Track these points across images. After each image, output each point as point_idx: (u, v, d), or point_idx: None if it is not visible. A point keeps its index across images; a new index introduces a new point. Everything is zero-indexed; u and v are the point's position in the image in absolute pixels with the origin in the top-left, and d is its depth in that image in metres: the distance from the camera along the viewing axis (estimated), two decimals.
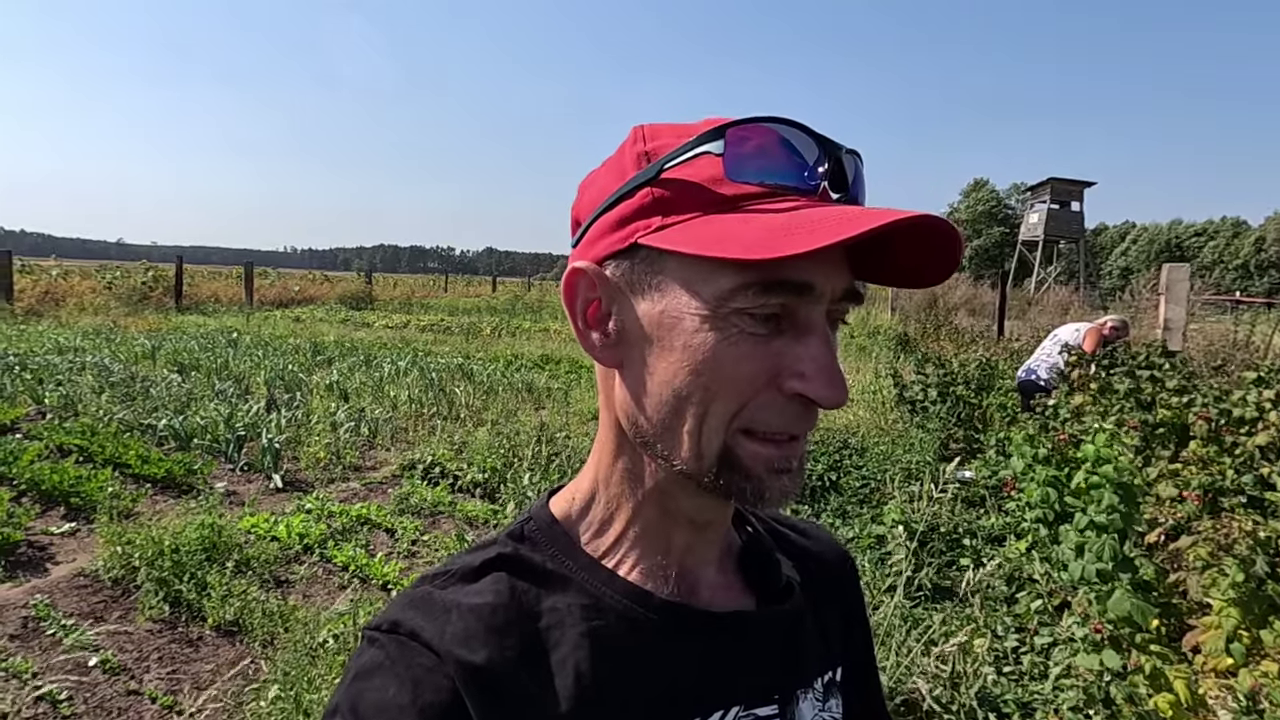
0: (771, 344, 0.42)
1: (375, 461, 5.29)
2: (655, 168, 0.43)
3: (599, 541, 0.50)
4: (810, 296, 0.41)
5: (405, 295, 26.42)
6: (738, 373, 0.41)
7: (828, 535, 0.64)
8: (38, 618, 2.84)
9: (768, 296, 0.41)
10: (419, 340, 12.68)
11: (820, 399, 0.41)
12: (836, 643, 0.57)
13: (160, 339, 10.26)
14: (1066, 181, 41.01)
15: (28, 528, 3.67)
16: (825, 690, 0.53)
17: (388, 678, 0.42)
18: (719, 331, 0.41)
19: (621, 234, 0.44)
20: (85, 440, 4.86)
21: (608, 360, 0.47)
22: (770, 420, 0.42)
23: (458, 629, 0.43)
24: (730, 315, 0.41)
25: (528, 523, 0.51)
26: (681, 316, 0.42)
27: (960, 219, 57.65)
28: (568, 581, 0.47)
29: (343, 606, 2.92)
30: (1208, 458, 2.90)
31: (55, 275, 17.96)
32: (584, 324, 0.47)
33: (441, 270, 54.76)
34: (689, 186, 0.43)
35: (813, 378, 0.41)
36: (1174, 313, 6.39)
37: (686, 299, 0.42)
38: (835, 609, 0.59)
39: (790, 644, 0.52)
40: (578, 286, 0.47)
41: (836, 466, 4.97)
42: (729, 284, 0.41)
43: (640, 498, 0.48)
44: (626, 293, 0.45)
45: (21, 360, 7.74)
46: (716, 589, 0.51)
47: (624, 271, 0.45)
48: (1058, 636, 2.48)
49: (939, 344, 11.03)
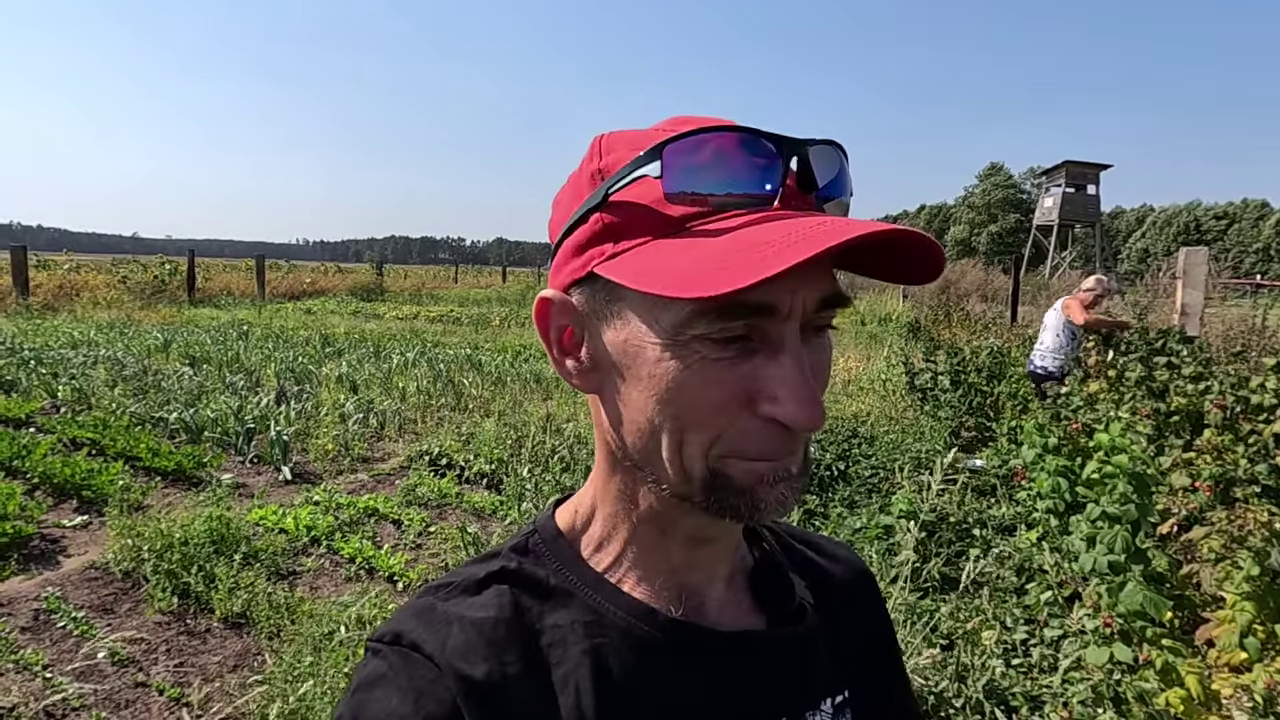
0: (740, 367, 0.40)
1: (383, 453, 5.31)
2: (601, 191, 0.42)
3: (602, 557, 0.49)
4: (775, 316, 0.39)
5: (416, 286, 26.52)
6: (705, 401, 0.40)
7: (849, 553, 0.62)
8: (49, 610, 2.88)
9: (725, 321, 0.38)
10: (428, 331, 12.72)
11: (794, 423, 0.39)
12: (851, 665, 0.55)
13: (173, 332, 10.36)
14: (1082, 164, 40.32)
15: (40, 521, 3.72)
16: (835, 712, 0.52)
17: (390, 689, 0.42)
18: (680, 360, 0.40)
19: (579, 261, 0.43)
20: (97, 434, 4.91)
21: (585, 387, 0.46)
22: (748, 446, 0.40)
23: (459, 642, 0.43)
24: (690, 342, 0.39)
25: (532, 535, 0.51)
26: (643, 345, 0.41)
27: (975, 204, 56.94)
28: (571, 597, 0.47)
29: (349, 598, 2.93)
30: (1222, 446, 2.84)
31: (70, 270, 18.15)
32: (559, 352, 0.46)
33: (452, 261, 54.96)
34: (635, 210, 0.41)
35: (785, 400, 0.39)
36: (1192, 297, 6.27)
37: (645, 328, 0.41)
38: (852, 630, 0.57)
39: (800, 666, 0.50)
40: (549, 315, 0.46)
41: (845, 456, 4.93)
42: (683, 312, 0.39)
43: (636, 518, 0.47)
44: (594, 320, 0.44)
45: (37, 354, 7.84)
46: (725, 608, 0.50)
47: (586, 299, 0.44)
48: (1068, 629, 2.45)
49: (951, 331, 10.91)
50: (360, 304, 18.58)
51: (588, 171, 0.44)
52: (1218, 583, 2.16)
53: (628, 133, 0.45)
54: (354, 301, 19.26)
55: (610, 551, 0.49)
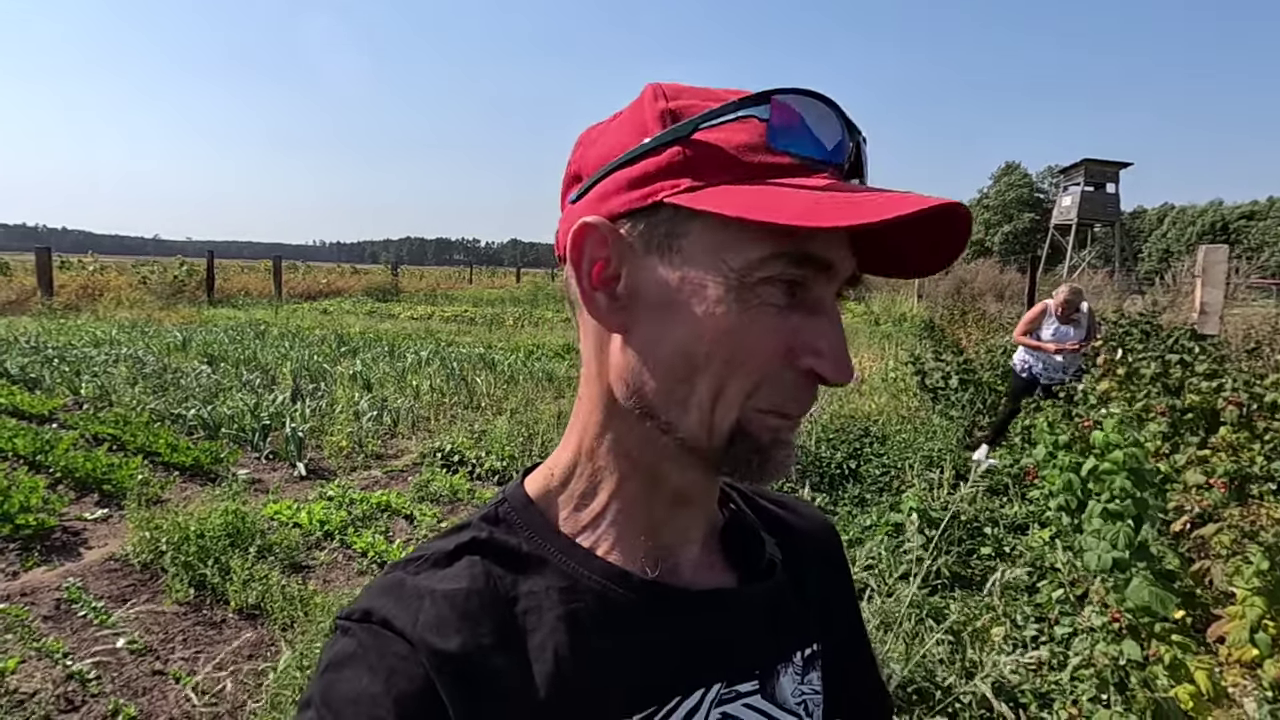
0: (789, 319, 0.41)
1: (396, 450, 5.36)
2: (689, 125, 0.41)
3: (577, 518, 0.48)
4: (829, 274, 0.42)
5: (431, 287, 26.71)
6: (758, 346, 0.41)
7: (812, 509, 0.63)
8: (70, 600, 2.94)
9: (796, 269, 0.40)
10: (443, 331, 12.80)
11: (833, 378, 0.41)
12: (818, 617, 0.56)
13: (192, 331, 10.52)
14: (1101, 162, 39.69)
15: (62, 514, 3.80)
16: (805, 664, 0.53)
17: (360, 668, 0.41)
18: (742, 302, 0.40)
19: (642, 192, 0.42)
20: (118, 429, 5.01)
21: (612, 324, 0.44)
22: (782, 398, 0.42)
23: (430, 616, 0.42)
24: (756, 285, 0.40)
25: (502, 504, 0.50)
26: (705, 284, 0.41)
27: (990, 204, 56.31)
28: (544, 563, 0.46)
29: (360, 592, 2.97)
30: (1238, 444, 2.80)
31: (93, 271, 18.48)
32: (590, 284, 0.44)
33: (467, 262, 55.37)
34: (722, 151, 0.41)
35: (828, 356, 0.41)
36: (1211, 296, 6.18)
37: (713, 266, 0.41)
38: (819, 583, 0.58)
39: (771, 620, 0.51)
40: (585, 244, 0.44)
41: (856, 454, 4.91)
42: (759, 253, 0.40)
43: (625, 471, 0.47)
44: (641, 253, 0.43)
45: (60, 353, 8.00)
46: (699, 568, 0.50)
47: (641, 231, 0.43)
48: (1078, 626, 2.43)
49: (965, 330, 10.81)
50: (375, 304, 18.75)
51: (654, 109, 0.43)
52: (1228, 578, 2.13)
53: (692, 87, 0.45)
54: (369, 301, 19.43)
55: (590, 509, 0.48)
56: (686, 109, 0.42)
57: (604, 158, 0.44)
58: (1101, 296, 13.19)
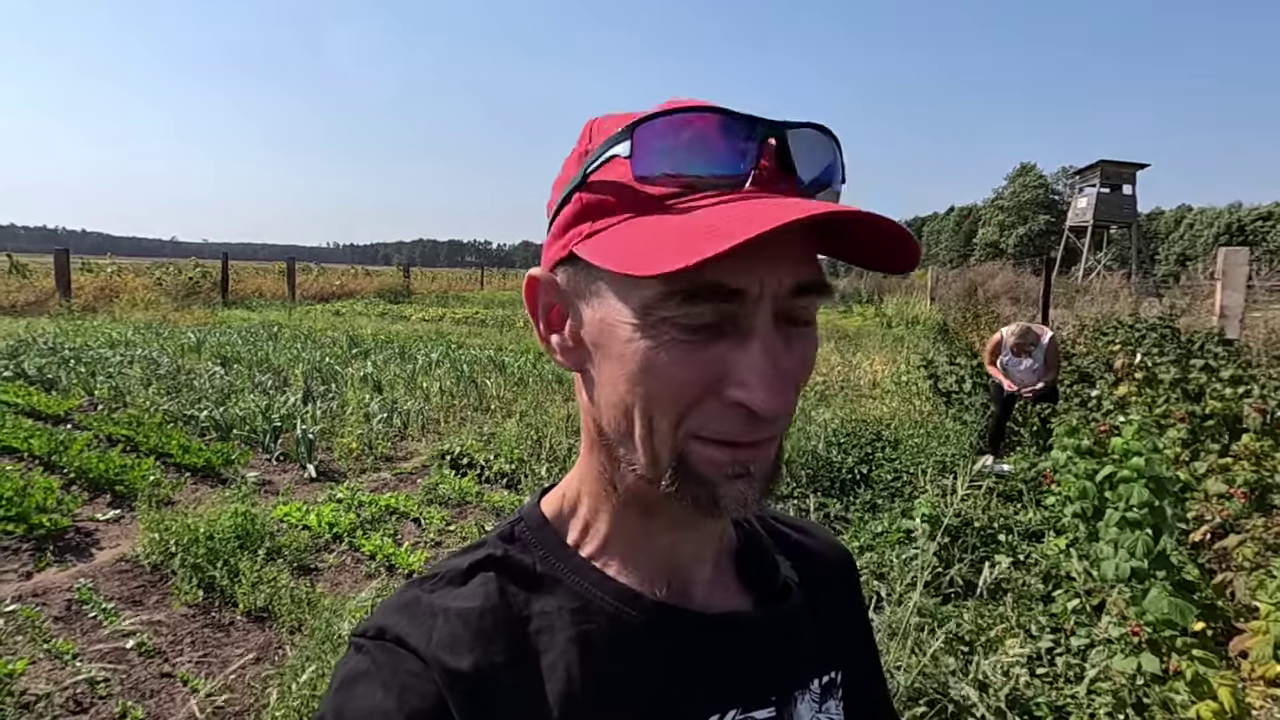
0: (709, 349, 0.39)
1: (406, 452, 5.37)
2: (581, 172, 0.42)
3: (587, 542, 0.48)
4: (744, 300, 0.38)
5: (442, 289, 26.84)
6: (672, 380, 0.40)
7: (828, 535, 0.63)
8: (80, 601, 2.96)
9: (692, 305, 0.38)
10: (454, 333, 12.85)
11: (758, 408, 0.39)
12: (836, 643, 0.55)
13: (206, 333, 10.62)
14: (1117, 164, 39.21)
15: (75, 514, 3.83)
16: (823, 692, 0.51)
17: (373, 684, 0.41)
18: (650, 339, 0.40)
19: (563, 241, 0.44)
20: (131, 430, 5.05)
21: (568, 364, 0.46)
22: (716, 427, 0.40)
23: (444, 634, 0.42)
24: (658, 324, 0.39)
25: (518, 523, 0.50)
26: (616, 325, 0.41)
27: (1005, 205, 55.86)
28: (557, 584, 0.46)
29: (367, 595, 2.97)
30: (1261, 451, 2.73)
31: (110, 272, 18.71)
32: (545, 328, 0.46)
33: (478, 264, 55.81)
34: (612, 188, 0.41)
35: (752, 386, 0.39)
36: (1231, 299, 6.08)
37: (619, 307, 0.41)
38: (835, 609, 0.57)
39: (787, 645, 0.50)
40: (536, 294, 0.46)
41: (868, 459, 4.86)
42: (652, 293, 0.39)
43: (619, 500, 0.47)
44: (575, 300, 0.44)
45: (76, 354, 8.09)
46: (712, 589, 0.50)
47: (569, 279, 0.44)
48: (1095, 638, 2.38)
49: (979, 333, 10.70)
50: (387, 306, 18.86)
51: (576, 153, 0.44)
52: (1251, 591, 2.08)
53: (620, 115, 0.44)
54: (381, 303, 19.54)
55: (596, 535, 0.48)
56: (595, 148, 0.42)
57: (552, 203, 0.46)
58: (1119, 300, 13.01)
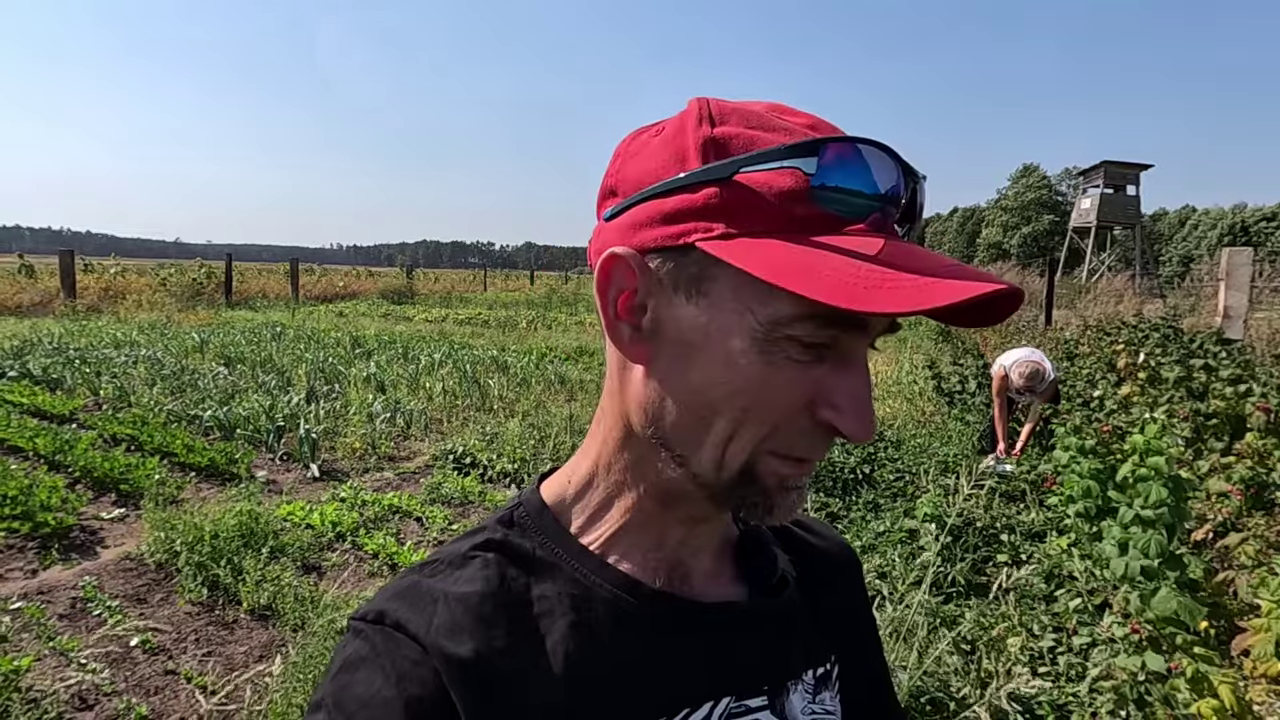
0: (813, 371, 0.40)
1: (409, 452, 5.38)
2: (730, 167, 0.39)
3: (592, 528, 0.48)
4: (860, 333, 0.41)
5: (446, 290, 26.86)
6: (778, 399, 0.40)
7: (832, 532, 0.63)
8: (85, 599, 2.97)
9: (823, 329, 0.39)
10: (457, 333, 12.87)
11: (851, 434, 0.40)
12: (833, 637, 0.55)
13: (210, 333, 10.64)
14: (1121, 164, 39.14)
15: (80, 513, 3.85)
16: (817, 683, 0.52)
17: (373, 670, 0.41)
18: (766, 355, 0.40)
19: (675, 229, 0.41)
20: (136, 430, 5.07)
21: (633, 355, 0.44)
22: (795, 445, 0.42)
23: (444, 620, 0.42)
24: (781, 340, 0.39)
25: (518, 508, 0.50)
26: (730, 332, 0.40)
27: (1008, 206, 55.77)
28: (557, 569, 0.46)
29: (371, 593, 2.97)
30: (1264, 450, 2.73)
31: (115, 273, 18.78)
32: (614, 314, 0.44)
33: (482, 265, 55.79)
34: (762, 198, 0.39)
35: (847, 412, 0.40)
36: (1235, 299, 6.07)
37: (738, 316, 0.40)
38: (834, 604, 0.57)
39: (782, 636, 0.51)
40: (613, 274, 0.43)
41: (871, 459, 4.86)
42: (789, 311, 0.38)
43: (641, 491, 0.47)
44: (669, 291, 0.42)
45: (81, 354, 8.12)
46: (709, 580, 0.50)
47: (669, 269, 0.41)
48: (1097, 637, 2.38)
49: (983, 334, 10.68)
50: (391, 307, 18.89)
51: (696, 136, 0.41)
52: (1253, 589, 2.08)
53: (738, 105, 0.43)
54: (384, 304, 19.58)
55: (605, 522, 0.48)
56: (731, 140, 0.40)
57: (640, 179, 0.43)
58: (1122, 300, 12.99)
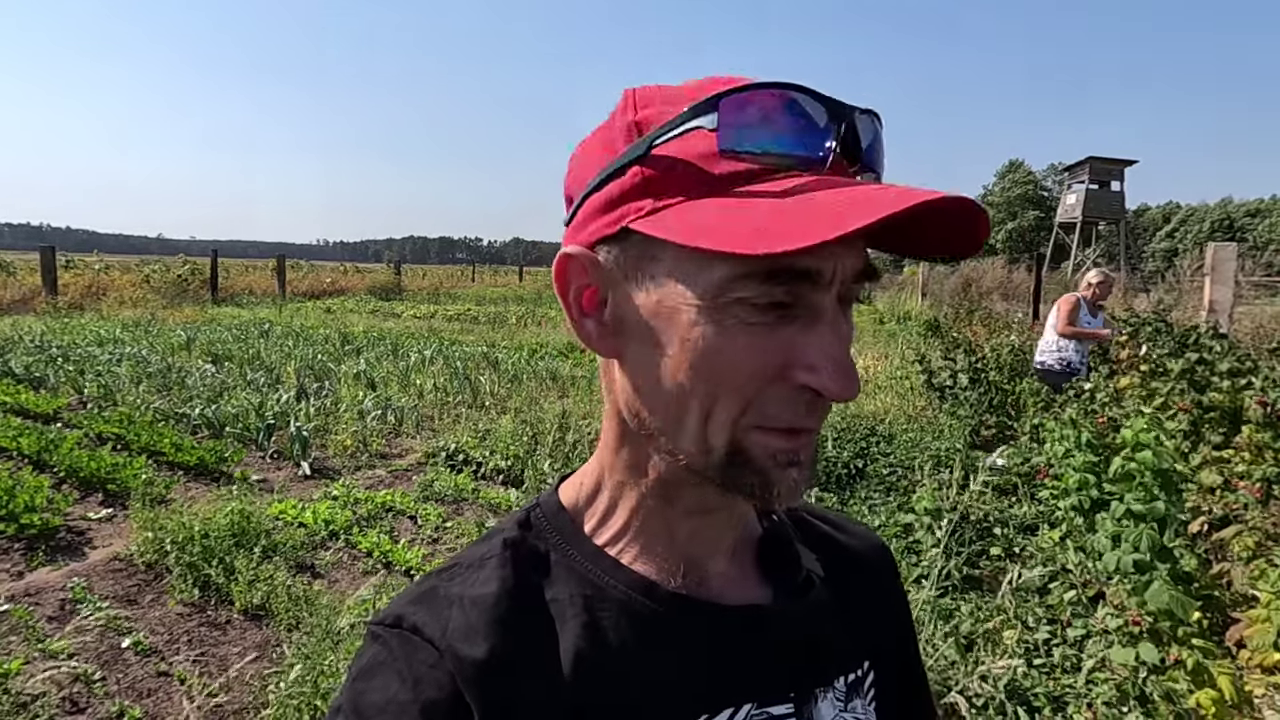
0: (777, 333, 0.38)
1: (401, 449, 5.35)
2: (644, 143, 0.39)
3: (604, 528, 0.48)
4: (818, 283, 0.38)
5: (434, 286, 26.73)
6: (740, 368, 0.39)
7: (861, 528, 0.61)
8: (74, 600, 2.92)
9: (769, 285, 0.37)
10: (446, 330, 12.80)
11: (829, 392, 0.38)
12: (866, 640, 0.53)
13: (196, 330, 10.52)
14: (1106, 160, 39.55)
15: (66, 513, 3.79)
16: (848, 690, 0.50)
17: (390, 675, 0.41)
18: (716, 324, 0.38)
19: (612, 217, 0.41)
20: (122, 429, 4.99)
21: (605, 350, 0.44)
22: (779, 414, 0.40)
23: (460, 623, 0.42)
24: (729, 306, 0.38)
25: (534, 510, 0.50)
26: (677, 308, 0.39)
27: (994, 201, 56.20)
28: (571, 571, 0.46)
29: (366, 592, 2.95)
30: (1262, 444, 2.76)
31: (97, 270, 18.51)
32: (578, 312, 0.44)
33: (469, 261, 55.29)
34: (680, 164, 0.39)
35: (822, 369, 0.38)
36: (1220, 294, 6.12)
37: (682, 289, 0.39)
38: (867, 607, 0.55)
39: (809, 641, 0.49)
40: (569, 273, 0.44)
41: (863, 454, 4.88)
42: (725, 274, 0.37)
43: (643, 488, 0.46)
44: (621, 280, 0.42)
45: (64, 352, 8.00)
46: (728, 581, 0.49)
47: (616, 257, 0.42)
48: (1092, 629, 2.40)
49: (971, 329, 10.76)
50: (379, 303, 18.75)
51: (621, 124, 0.41)
52: (1251, 581, 2.10)
53: (662, 88, 0.43)
54: (373, 300, 19.44)
55: (614, 523, 0.48)
56: (650, 120, 0.40)
57: (582, 180, 0.43)
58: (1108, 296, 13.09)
